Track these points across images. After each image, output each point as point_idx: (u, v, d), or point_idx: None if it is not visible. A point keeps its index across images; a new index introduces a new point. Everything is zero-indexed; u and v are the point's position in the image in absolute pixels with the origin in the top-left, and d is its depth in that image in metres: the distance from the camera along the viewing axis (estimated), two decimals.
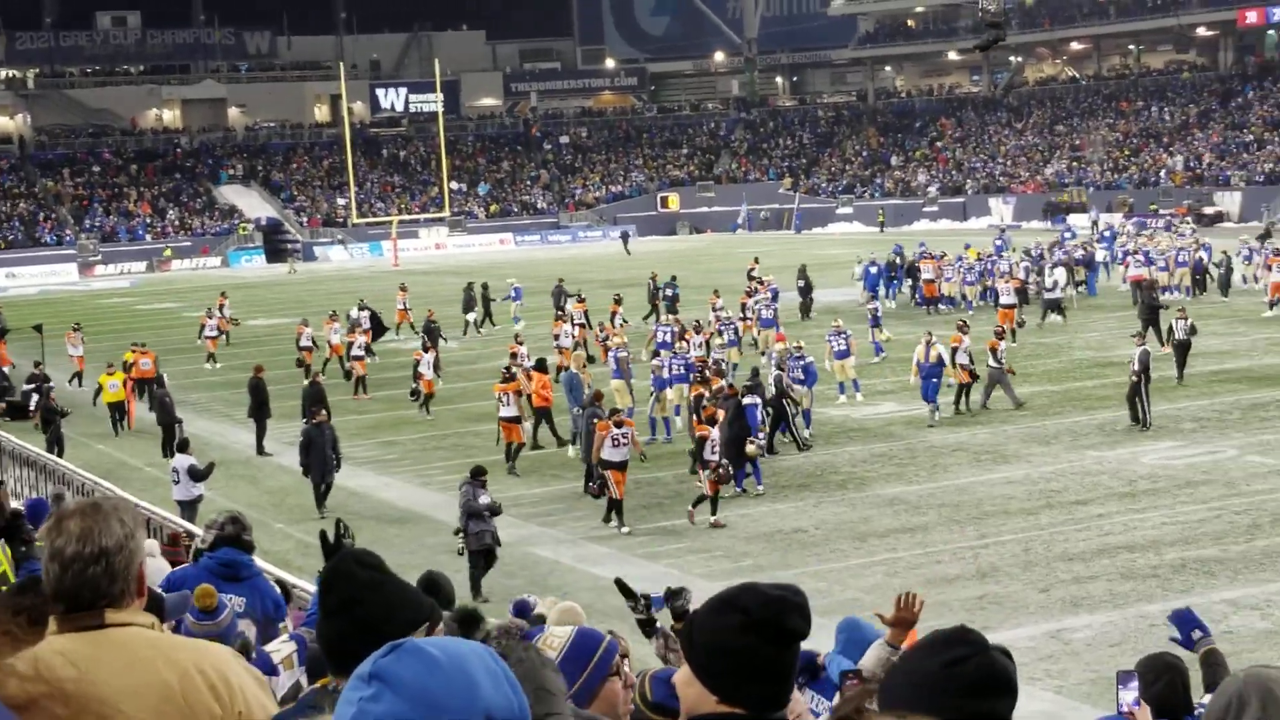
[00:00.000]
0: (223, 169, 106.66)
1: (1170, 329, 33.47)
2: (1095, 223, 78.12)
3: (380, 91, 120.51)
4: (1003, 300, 42.05)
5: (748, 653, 3.15)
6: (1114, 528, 21.51)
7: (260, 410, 31.40)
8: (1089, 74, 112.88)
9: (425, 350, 35.42)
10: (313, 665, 7.15)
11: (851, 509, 23.45)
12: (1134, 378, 28.65)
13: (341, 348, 41.33)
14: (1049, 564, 19.97)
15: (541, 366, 31.20)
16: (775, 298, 43.46)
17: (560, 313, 44.52)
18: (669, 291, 48.98)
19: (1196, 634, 6.75)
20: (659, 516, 23.83)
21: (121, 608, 3.58)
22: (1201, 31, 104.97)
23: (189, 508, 22.41)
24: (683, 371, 30.81)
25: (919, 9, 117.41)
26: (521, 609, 9.25)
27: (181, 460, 23.68)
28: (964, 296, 48.73)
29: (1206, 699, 5.59)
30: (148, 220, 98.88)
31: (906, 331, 41.08)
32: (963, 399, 30.96)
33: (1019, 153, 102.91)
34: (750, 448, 25.02)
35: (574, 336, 39.60)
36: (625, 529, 22.84)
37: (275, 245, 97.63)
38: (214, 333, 45.66)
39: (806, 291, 49.32)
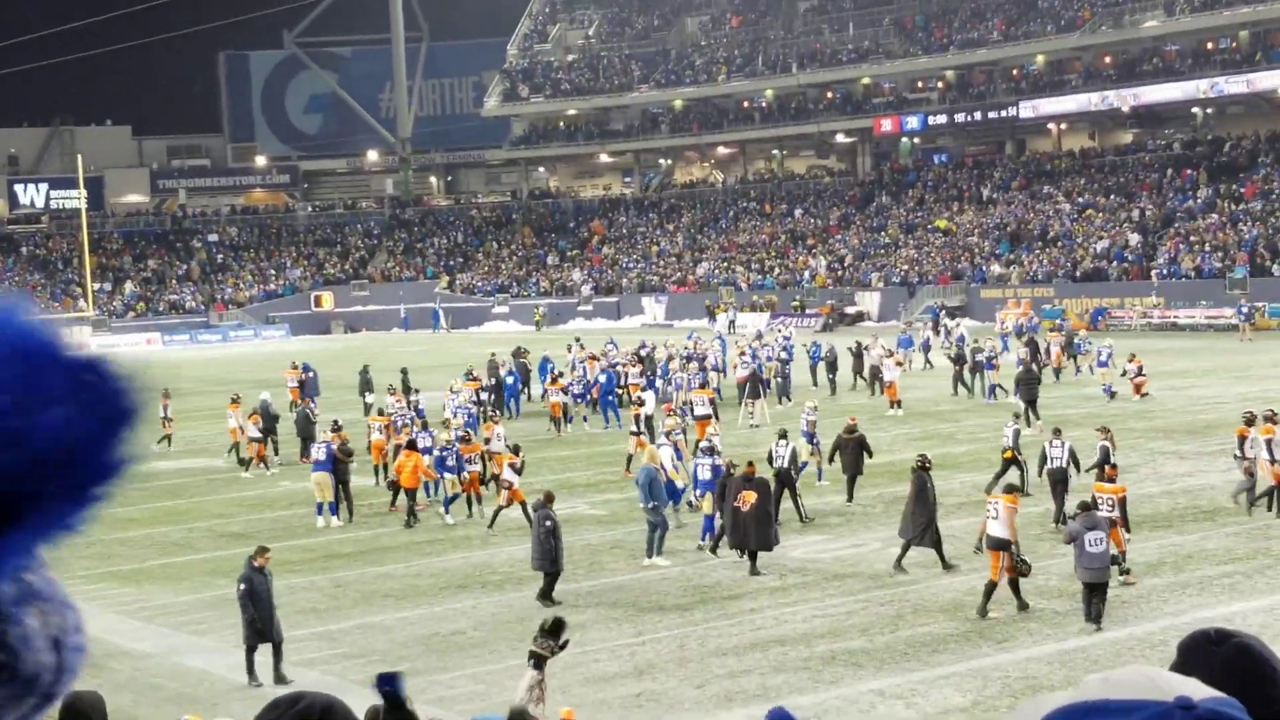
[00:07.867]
0: None
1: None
2: (732, 322, 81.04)
3: (19, 187, 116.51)
4: (698, 411, 39.11)
5: None
6: (765, 621, 21.92)
7: None
8: (736, 177, 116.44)
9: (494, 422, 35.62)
10: None
11: (509, 609, 23.36)
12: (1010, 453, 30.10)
13: (237, 433, 39.17)
14: (703, 659, 20.23)
15: (413, 445, 31.61)
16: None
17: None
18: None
19: None
20: (313, 621, 23.30)
21: None
22: (840, 138, 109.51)
23: None
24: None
25: (571, 112, 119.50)
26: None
27: None
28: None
29: None
30: None
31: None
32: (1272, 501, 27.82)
33: (670, 253, 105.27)
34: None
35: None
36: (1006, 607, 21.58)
37: None
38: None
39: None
